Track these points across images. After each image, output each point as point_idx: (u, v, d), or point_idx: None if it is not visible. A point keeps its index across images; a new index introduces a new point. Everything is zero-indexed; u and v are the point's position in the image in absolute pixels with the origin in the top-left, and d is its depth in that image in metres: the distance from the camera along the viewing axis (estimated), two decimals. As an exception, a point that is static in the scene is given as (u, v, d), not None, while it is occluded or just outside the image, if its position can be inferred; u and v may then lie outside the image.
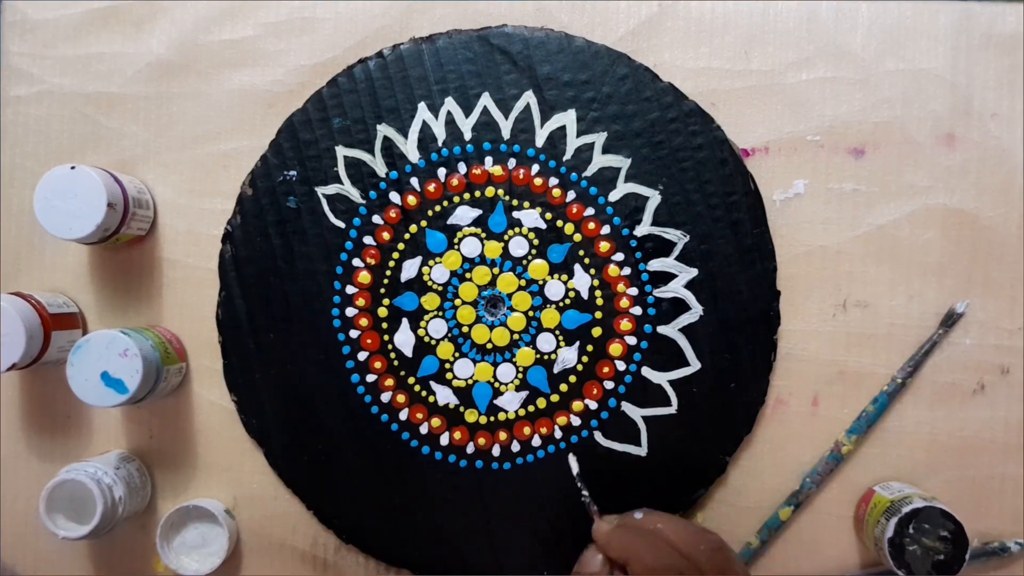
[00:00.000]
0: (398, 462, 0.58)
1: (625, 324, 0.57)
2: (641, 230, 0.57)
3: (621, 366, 0.58)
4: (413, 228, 0.58)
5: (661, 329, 0.57)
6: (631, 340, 0.58)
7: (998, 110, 0.58)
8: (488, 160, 0.58)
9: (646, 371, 0.57)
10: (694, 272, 0.57)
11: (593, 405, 0.58)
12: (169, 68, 0.60)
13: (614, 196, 0.57)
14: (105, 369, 0.54)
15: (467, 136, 0.58)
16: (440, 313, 0.58)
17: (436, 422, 0.58)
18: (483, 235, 0.58)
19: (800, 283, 0.58)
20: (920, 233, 0.58)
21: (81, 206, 0.54)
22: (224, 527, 0.57)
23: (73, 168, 0.54)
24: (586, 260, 0.58)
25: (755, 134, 0.59)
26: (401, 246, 0.58)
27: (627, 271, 0.58)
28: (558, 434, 0.58)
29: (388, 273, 0.58)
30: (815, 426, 0.58)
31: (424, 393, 0.58)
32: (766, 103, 0.59)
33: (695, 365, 0.57)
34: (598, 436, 0.58)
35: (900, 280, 0.58)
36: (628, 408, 0.58)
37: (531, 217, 0.58)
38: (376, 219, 0.58)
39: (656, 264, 0.57)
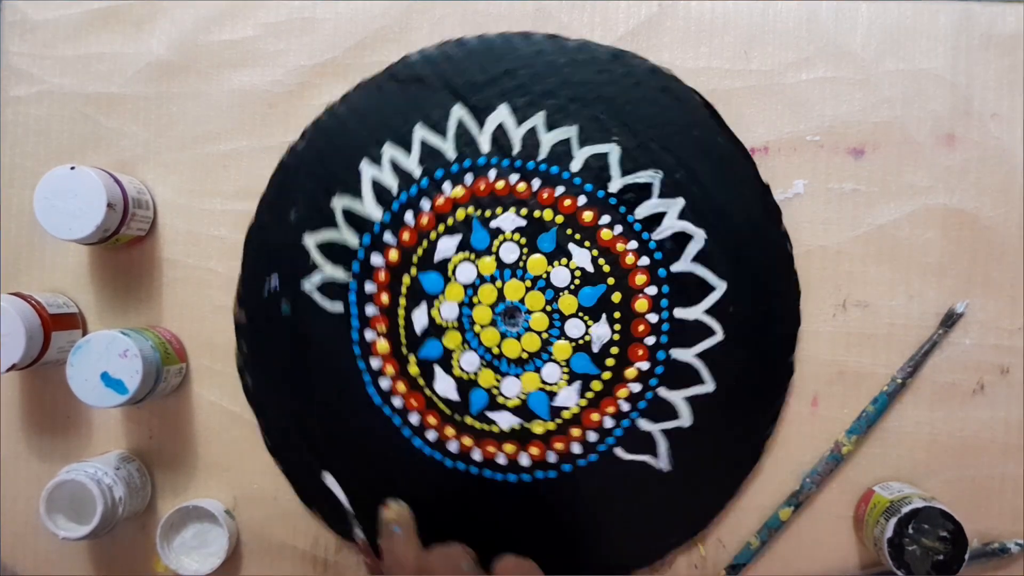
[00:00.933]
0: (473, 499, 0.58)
1: (640, 278, 0.57)
2: (614, 185, 0.57)
3: (653, 318, 0.57)
4: (406, 279, 0.58)
5: (674, 268, 0.57)
6: (651, 290, 0.57)
7: (998, 110, 0.58)
8: (446, 186, 0.58)
9: (678, 311, 0.57)
10: (681, 201, 0.57)
11: (645, 366, 0.57)
12: (169, 68, 0.60)
13: (575, 166, 0.57)
14: (105, 369, 0.54)
15: (416, 173, 0.58)
16: (466, 346, 0.58)
17: (510, 447, 0.58)
18: (472, 256, 0.58)
19: (800, 282, 0.58)
20: (920, 233, 0.58)
21: (81, 206, 0.54)
22: (224, 527, 0.57)
23: (73, 168, 0.54)
24: (576, 236, 0.57)
25: (755, 134, 0.59)
26: (402, 300, 0.58)
27: (619, 229, 0.57)
28: (625, 407, 0.58)
29: (403, 332, 0.58)
30: (815, 426, 0.58)
31: (487, 426, 0.58)
32: (766, 103, 0.59)
33: (719, 334, 0.57)
34: (662, 391, 0.58)
35: (900, 280, 0.58)
36: (677, 353, 0.57)
37: (509, 220, 0.58)
38: (368, 287, 0.58)
39: (643, 210, 0.57)
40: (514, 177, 0.57)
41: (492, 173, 0.57)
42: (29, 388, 0.61)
